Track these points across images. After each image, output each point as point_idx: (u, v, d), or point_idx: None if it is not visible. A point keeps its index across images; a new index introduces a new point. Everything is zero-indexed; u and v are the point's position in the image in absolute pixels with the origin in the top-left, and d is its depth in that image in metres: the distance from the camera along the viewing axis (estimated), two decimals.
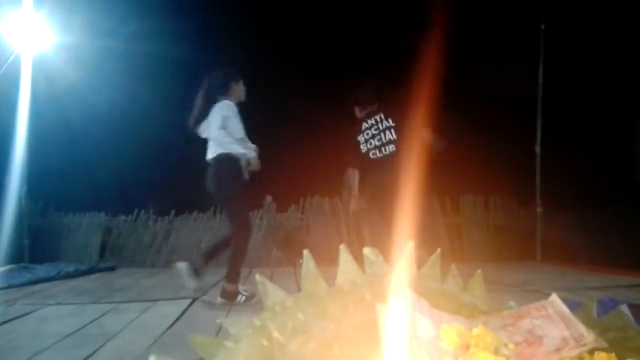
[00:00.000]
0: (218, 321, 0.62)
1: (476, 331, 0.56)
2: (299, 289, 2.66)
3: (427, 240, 6.05)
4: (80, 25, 4.94)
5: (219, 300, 3.20)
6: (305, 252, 0.66)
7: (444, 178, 6.46)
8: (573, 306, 0.69)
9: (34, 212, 6.08)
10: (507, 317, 0.68)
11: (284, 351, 0.55)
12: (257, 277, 0.63)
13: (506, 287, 3.73)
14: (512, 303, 0.77)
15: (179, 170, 5.04)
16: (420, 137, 3.60)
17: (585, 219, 6.21)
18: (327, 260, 5.22)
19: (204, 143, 3.40)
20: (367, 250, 0.70)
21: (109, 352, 2.04)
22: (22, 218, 5.58)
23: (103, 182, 6.37)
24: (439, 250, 0.80)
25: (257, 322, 0.56)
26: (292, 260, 5.61)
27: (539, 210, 5.81)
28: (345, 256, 0.69)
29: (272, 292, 0.61)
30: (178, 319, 2.69)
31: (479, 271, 0.79)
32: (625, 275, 4.28)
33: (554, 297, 0.69)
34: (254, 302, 3.20)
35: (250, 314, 0.65)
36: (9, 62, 4.82)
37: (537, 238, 5.79)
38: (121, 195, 6.39)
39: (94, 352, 2.01)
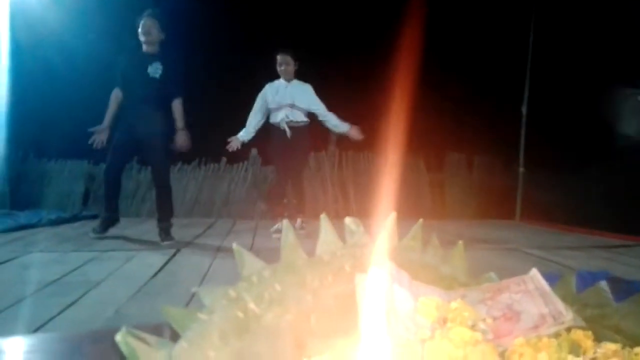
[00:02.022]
0: (192, 290, 0.60)
1: (454, 304, 0.56)
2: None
3: (410, 195, 6.18)
4: None
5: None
6: (285, 222, 0.65)
7: (429, 135, 6.49)
8: (552, 279, 0.69)
9: (15, 158, 5.99)
10: (486, 291, 0.68)
11: (259, 322, 0.54)
12: (234, 245, 0.61)
13: (486, 244, 3.81)
14: (492, 274, 0.78)
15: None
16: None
17: (566, 180, 6.29)
18: (311, 214, 5.29)
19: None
20: (348, 220, 0.68)
21: (92, 300, 2.05)
22: (2, 164, 5.49)
23: (85, 128, 6.24)
24: (420, 220, 0.79)
25: (232, 293, 0.55)
26: (276, 213, 5.64)
27: (521, 170, 5.87)
28: (325, 226, 0.67)
29: (248, 261, 0.60)
30: (161, 269, 2.70)
31: (460, 242, 0.80)
32: (602, 236, 4.39)
33: (534, 272, 0.69)
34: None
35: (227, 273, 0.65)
36: None
37: (517, 197, 5.88)
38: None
39: (77, 300, 2.02)
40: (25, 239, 3.81)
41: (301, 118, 4.14)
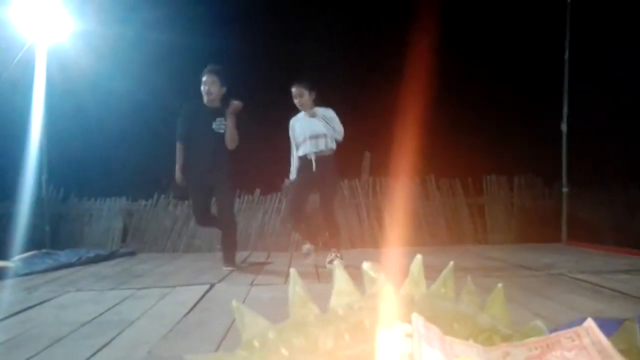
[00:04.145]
0: (185, 357, 0.54)
1: None
2: (317, 275, 2.61)
3: (449, 221, 6.03)
4: (93, 12, 4.92)
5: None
6: (292, 271, 0.57)
7: (466, 157, 6.37)
8: (610, 327, 0.59)
9: (55, 198, 6.19)
10: (533, 347, 0.58)
11: None
12: (234, 303, 0.55)
13: (530, 271, 3.65)
14: (538, 323, 0.67)
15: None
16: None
17: (612, 199, 6.05)
18: (346, 243, 5.21)
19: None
20: (366, 265, 0.60)
21: (125, 340, 2.04)
22: (43, 204, 5.67)
23: (123, 167, 6.44)
24: (451, 263, 0.69)
25: None
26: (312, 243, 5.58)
27: (565, 189, 5.65)
28: (339, 274, 0.59)
29: (250, 321, 0.53)
30: (195, 305, 2.68)
31: (500, 285, 0.70)
32: None
33: (589, 323, 0.58)
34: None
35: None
36: (23, 50, 4.85)
37: (562, 218, 5.65)
38: (141, 180, 6.43)
39: (110, 341, 2.01)
40: (64, 278, 3.87)
41: (327, 146, 4.10)
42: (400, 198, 6.02)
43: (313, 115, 4.09)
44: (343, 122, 4.17)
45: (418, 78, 5.26)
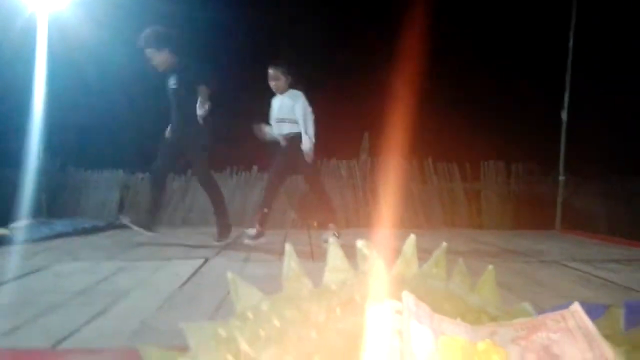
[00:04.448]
0: (179, 325, 0.55)
1: (481, 346, 0.49)
2: (312, 254, 2.64)
3: (445, 204, 6.06)
4: None
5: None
6: (287, 247, 0.58)
7: (465, 142, 6.37)
8: (596, 312, 0.60)
9: (53, 167, 6.19)
10: (520, 327, 0.59)
11: None
12: (229, 275, 0.55)
13: (522, 256, 3.68)
14: (526, 305, 0.68)
15: None
16: None
17: (609, 189, 6.07)
18: (343, 223, 5.23)
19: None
20: (360, 243, 0.62)
21: (120, 310, 2.07)
22: (41, 173, 5.67)
23: (121, 139, 6.42)
24: (444, 244, 0.70)
25: (222, 332, 0.49)
26: (307, 222, 5.61)
27: (562, 178, 5.67)
28: (334, 250, 0.60)
29: (244, 293, 0.54)
30: (189, 279, 2.71)
31: (490, 267, 0.71)
32: None
33: (576, 307, 0.59)
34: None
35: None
36: (24, 19, 4.81)
37: (557, 206, 5.68)
38: (138, 153, 6.43)
39: (104, 310, 2.04)
40: (61, 247, 3.90)
41: (293, 130, 4.16)
42: (397, 180, 6.04)
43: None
44: (336, 103, 4.21)
45: (418, 58, 5.21)
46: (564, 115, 5.55)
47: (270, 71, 4.14)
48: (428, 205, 6.19)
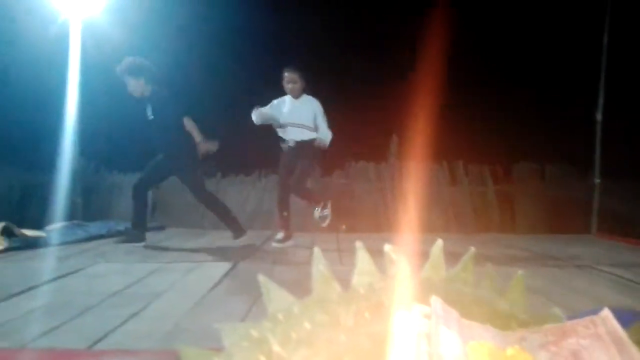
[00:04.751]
0: (215, 326, 0.57)
1: (510, 352, 0.49)
2: (339, 258, 2.65)
3: (476, 208, 5.97)
4: None
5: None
6: (316, 250, 0.59)
7: (496, 144, 6.27)
8: (626, 319, 0.59)
9: (87, 170, 6.36)
10: (549, 333, 0.58)
11: None
12: (260, 278, 0.57)
13: (556, 261, 3.61)
14: (556, 310, 0.68)
15: (225, 133, 5.13)
16: None
17: None
18: (371, 227, 5.24)
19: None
20: (388, 248, 0.65)
21: (152, 311, 2.12)
22: (75, 176, 5.83)
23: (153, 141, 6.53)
24: (472, 249, 0.72)
25: (255, 333, 0.51)
26: (335, 225, 5.61)
27: (597, 181, 5.54)
28: (362, 255, 0.61)
29: (276, 296, 0.55)
30: (220, 281, 2.75)
31: (520, 272, 0.71)
32: None
33: (606, 313, 0.59)
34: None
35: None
36: (58, 26, 4.98)
37: (593, 210, 5.54)
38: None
39: (138, 312, 2.09)
40: (95, 249, 4.01)
41: (309, 136, 4.26)
42: (426, 183, 6.00)
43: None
44: (364, 105, 4.26)
45: (446, 58, 5.16)
46: (598, 116, 5.42)
47: (288, 74, 4.22)
48: (459, 209, 6.11)
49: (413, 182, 6.02)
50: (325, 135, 4.25)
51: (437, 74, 5.15)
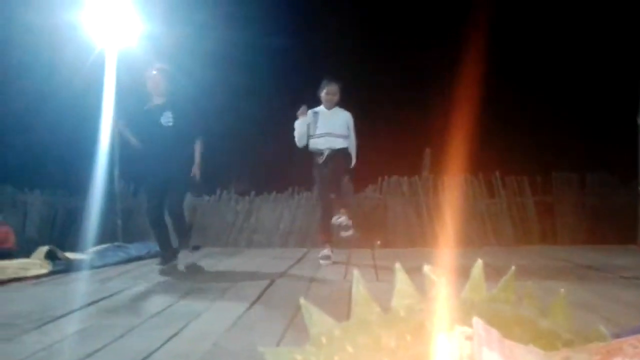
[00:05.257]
0: (259, 349, 0.58)
1: None
2: (376, 274, 2.63)
3: (515, 220, 5.83)
4: (160, 15, 5.16)
5: None
6: (355, 273, 0.60)
7: (534, 153, 6.14)
8: None
9: (126, 193, 6.55)
10: (595, 352, 0.56)
11: None
12: (301, 301, 0.58)
13: (600, 273, 3.50)
14: (601, 327, 0.66)
15: (258, 153, 5.21)
16: None
17: None
18: (406, 242, 5.18)
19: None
20: (427, 269, 0.66)
21: (192, 331, 2.14)
22: (115, 199, 5.99)
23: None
24: (513, 268, 0.71)
25: (299, 358, 0.51)
26: (370, 241, 5.57)
27: None
28: (400, 276, 0.61)
29: (317, 319, 0.56)
30: (256, 301, 2.76)
31: (562, 291, 0.70)
32: None
33: None
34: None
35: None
36: (95, 56, 5.18)
37: (638, 219, 5.34)
38: (204, 176, 6.69)
39: (178, 332, 2.11)
40: (135, 270, 4.11)
41: (344, 145, 4.39)
42: (463, 196, 5.93)
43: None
44: (397, 119, 4.35)
45: (482, 68, 5.11)
46: (639, 120, 5.24)
47: (329, 87, 4.37)
48: (497, 222, 6.00)
49: (448, 195, 5.97)
50: (354, 145, 4.44)
51: (471, 84, 5.13)
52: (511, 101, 6.27)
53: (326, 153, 4.33)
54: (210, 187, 6.70)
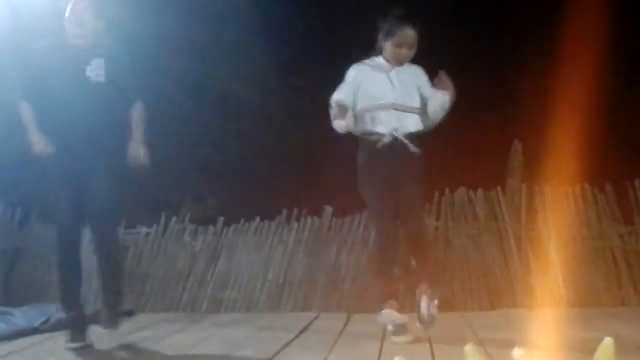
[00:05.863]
0: None
1: None
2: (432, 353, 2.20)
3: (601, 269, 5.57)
4: None
5: None
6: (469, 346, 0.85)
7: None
8: None
9: (8, 225, 6.56)
10: None
11: None
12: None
13: None
14: None
15: (231, 148, 5.02)
16: None
17: None
18: (480, 299, 5.12)
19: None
20: (518, 355, 0.88)
21: None
22: None
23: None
24: (609, 340, 0.95)
25: None
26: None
27: None
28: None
29: None
30: None
31: None
32: None
33: None
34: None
35: None
36: None
37: None
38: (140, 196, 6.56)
39: None
40: (29, 351, 3.99)
41: (414, 127, 4.08)
42: (578, 220, 5.70)
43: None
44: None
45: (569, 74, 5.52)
46: None
47: (409, 34, 3.95)
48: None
49: (552, 219, 5.73)
50: (443, 102, 4.02)
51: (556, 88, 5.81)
52: (602, 105, 6.42)
53: (388, 140, 3.94)
54: (151, 212, 6.65)
